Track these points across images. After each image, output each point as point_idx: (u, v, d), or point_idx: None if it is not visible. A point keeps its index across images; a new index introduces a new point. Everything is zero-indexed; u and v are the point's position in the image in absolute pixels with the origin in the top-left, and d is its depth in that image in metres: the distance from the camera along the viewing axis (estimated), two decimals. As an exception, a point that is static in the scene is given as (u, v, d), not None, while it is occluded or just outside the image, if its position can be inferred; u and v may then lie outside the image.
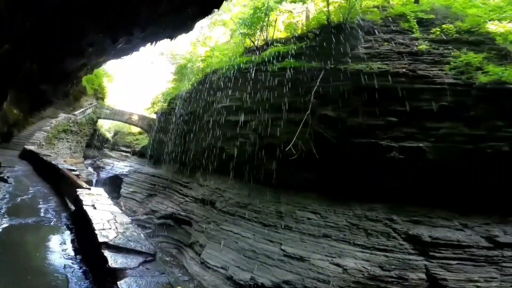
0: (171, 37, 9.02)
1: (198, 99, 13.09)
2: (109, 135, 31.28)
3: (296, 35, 10.19)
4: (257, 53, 10.79)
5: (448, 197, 7.63)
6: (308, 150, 8.32)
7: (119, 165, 23.26)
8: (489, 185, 7.26)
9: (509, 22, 8.85)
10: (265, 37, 11.50)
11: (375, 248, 7.23)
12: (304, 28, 10.92)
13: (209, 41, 18.11)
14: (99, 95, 25.54)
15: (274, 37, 11.46)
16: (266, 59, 9.45)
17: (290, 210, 8.90)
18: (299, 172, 9.07)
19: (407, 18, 8.77)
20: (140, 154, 23.76)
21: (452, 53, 8.28)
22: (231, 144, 11.33)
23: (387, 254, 7.02)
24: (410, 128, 7.89)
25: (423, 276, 6.38)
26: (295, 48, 8.98)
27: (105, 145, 27.17)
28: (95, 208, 4.48)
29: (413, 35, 8.81)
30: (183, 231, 11.75)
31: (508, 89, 7.16)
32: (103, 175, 22.21)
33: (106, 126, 34.70)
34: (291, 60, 8.60)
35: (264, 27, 11.22)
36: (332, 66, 8.14)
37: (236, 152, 11.09)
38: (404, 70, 7.87)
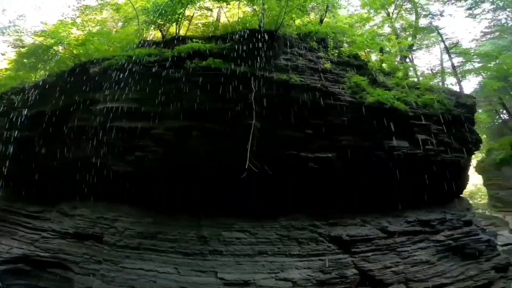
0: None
1: (61, 95, 9.31)
2: None
3: (215, 35, 9.05)
4: (163, 46, 8.79)
5: (350, 198, 8.91)
6: (234, 165, 7.51)
7: None
8: (378, 185, 9.04)
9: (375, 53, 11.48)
10: (176, 31, 9.54)
11: (310, 255, 7.56)
12: (216, 30, 9.89)
13: (91, 24, 13.27)
14: None
15: (187, 34, 9.72)
16: (182, 55, 7.82)
17: (215, 232, 7.83)
18: (222, 190, 8.09)
19: (312, 37, 9.64)
20: None
21: (346, 74, 9.75)
22: (122, 158, 8.75)
23: (321, 258, 7.50)
24: (324, 141, 8.65)
25: (355, 271, 7.24)
26: (218, 48, 7.90)
27: None
28: None
29: (319, 54, 9.78)
30: (52, 275, 8.19)
31: (385, 108, 9.10)
32: None
33: None
34: (216, 60, 7.48)
35: (179, 20, 9.26)
36: (261, 73, 7.72)
37: (131, 169, 8.67)
38: (319, 85, 8.53)
